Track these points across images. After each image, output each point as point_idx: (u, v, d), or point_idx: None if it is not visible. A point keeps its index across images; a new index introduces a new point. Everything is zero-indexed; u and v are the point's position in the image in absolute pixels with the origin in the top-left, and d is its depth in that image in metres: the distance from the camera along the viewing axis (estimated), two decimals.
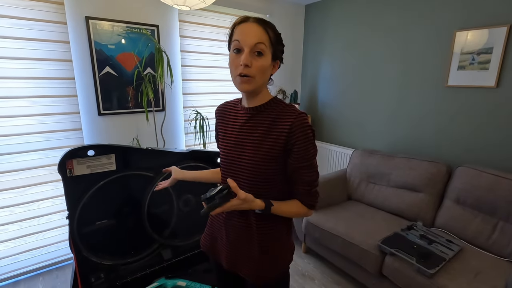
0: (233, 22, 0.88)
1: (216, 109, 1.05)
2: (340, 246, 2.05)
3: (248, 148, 0.90)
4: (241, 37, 0.83)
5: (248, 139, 0.91)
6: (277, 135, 0.87)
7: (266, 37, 0.84)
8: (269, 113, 0.90)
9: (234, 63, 0.85)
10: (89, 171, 1.39)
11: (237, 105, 0.99)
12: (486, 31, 1.99)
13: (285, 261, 0.99)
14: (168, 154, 1.59)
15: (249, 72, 0.83)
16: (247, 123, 0.92)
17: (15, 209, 2.07)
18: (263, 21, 0.85)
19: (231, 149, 0.94)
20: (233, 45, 0.85)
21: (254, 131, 0.90)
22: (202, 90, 2.82)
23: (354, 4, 2.82)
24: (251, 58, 0.83)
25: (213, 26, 2.74)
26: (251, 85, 0.85)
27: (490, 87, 2.01)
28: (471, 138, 2.17)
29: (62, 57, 2.06)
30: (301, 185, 0.91)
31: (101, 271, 1.50)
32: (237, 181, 0.90)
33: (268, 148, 0.87)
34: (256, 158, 0.88)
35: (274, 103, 0.92)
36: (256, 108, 0.91)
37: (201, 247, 1.11)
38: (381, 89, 2.71)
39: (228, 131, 0.97)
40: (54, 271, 2.26)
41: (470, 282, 1.54)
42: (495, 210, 1.85)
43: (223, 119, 1.01)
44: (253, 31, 0.83)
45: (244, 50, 0.82)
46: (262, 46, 0.83)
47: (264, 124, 0.89)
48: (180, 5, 1.59)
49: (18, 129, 1.99)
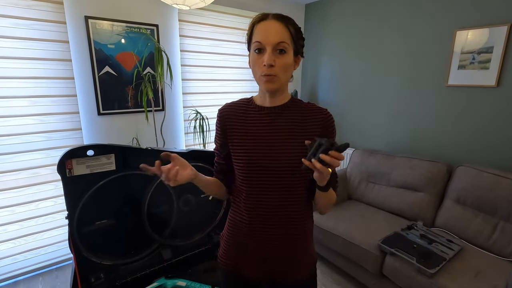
0: (251, 21, 0.86)
1: (222, 111, 0.97)
2: (341, 245, 2.05)
3: (280, 148, 0.87)
4: (262, 37, 0.80)
5: (279, 138, 0.88)
6: (310, 131, 0.87)
7: (287, 34, 0.81)
8: (294, 110, 0.90)
9: (257, 63, 0.83)
10: (88, 171, 1.39)
11: (251, 105, 0.94)
12: (487, 30, 1.98)
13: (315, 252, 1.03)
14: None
15: (273, 71, 0.81)
16: (275, 122, 0.89)
17: (15, 209, 2.07)
18: (283, 17, 0.83)
19: (257, 150, 0.88)
20: (254, 45, 0.83)
21: (284, 130, 0.88)
22: (202, 89, 2.81)
23: (354, 3, 2.82)
24: (274, 57, 0.80)
25: (212, 26, 2.74)
26: (276, 84, 0.84)
27: (491, 86, 2.01)
28: (472, 137, 2.16)
29: (61, 57, 2.06)
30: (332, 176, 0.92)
31: (101, 271, 1.50)
32: (263, 182, 0.87)
33: (303, 144, 0.85)
34: (291, 157, 0.85)
35: (295, 101, 0.92)
36: (280, 106, 0.90)
37: (222, 265, 1.02)
38: (381, 88, 2.71)
39: (249, 132, 0.91)
40: (54, 271, 2.26)
41: (470, 281, 1.53)
42: (495, 210, 1.85)
43: (232, 120, 0.94)
44: (274, 29, 0.80)
45: (267, 49, 0.80)
46: (284, 44, 0.80)
47: (294, 122, 0.88)
48: (180, 4, 1.58)
49: (17, 129, 1.99)
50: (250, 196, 0.91)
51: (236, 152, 0.92)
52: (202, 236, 1.78)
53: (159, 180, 1.57)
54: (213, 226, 1.81)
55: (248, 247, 0.95)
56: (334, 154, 0.70)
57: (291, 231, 0.92)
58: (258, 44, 0.81)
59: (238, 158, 0.91)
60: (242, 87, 3.09)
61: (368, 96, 2.82)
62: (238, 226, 0.96)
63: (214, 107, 2.93)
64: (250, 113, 0.93)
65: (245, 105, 0.95)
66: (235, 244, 0.98)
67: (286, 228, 0.91)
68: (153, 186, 1.57)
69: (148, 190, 1.57)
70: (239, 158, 0.91)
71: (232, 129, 0.94)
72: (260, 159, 0.88)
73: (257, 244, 0.93)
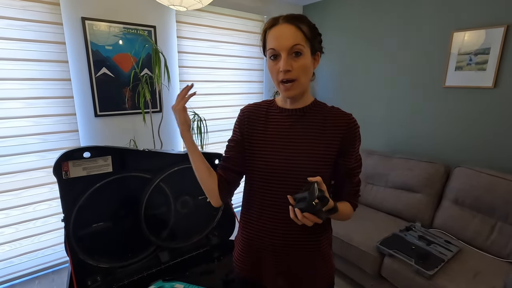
0: (263, 28, 0.84)
1: (243, 111, 0.96)
2: (339, 247, 2.04)
3: (300, 151, 0.85)
4: (275, 43, 0.79)
5: (299, 142, 0.86)
6: (331, 136, 0.85)
7: (301, 35, 0.78)
8: (316, 114, 0.88)
9: (274, 70, 0.82)
10: (85, 173, 1.37)
11: (272, 107, 0.93)
12: (483, 32, 1.99)
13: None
14: (166, 156, 1.58)
15: (291, 76, 0.79)
16: (296, 125, 0.88)
17: (11, 212, 2.05)
18: (294, 18, 0.80)
19: (278, 152, 0.87)
20: (269, 53, 0.82)
21: (306, 133, 0.86)
22: (199, 91, 2.80)
23: (352, 5, 2.83)
24: (290, 61, 0.78)
25: (210, 27, 2.74)
26: (297, 90, 0.82)
27: (488, 87, 2.02)
28: (469, 138, 2.17)
29: (58, 58, 2.04)
30: (351, 185, 0.91)
31: (97, 274, 1.48)
32: (284, 184, 0.85)
33: (323, 149, 0.84)
34: (311, 161, 0.84)
35: (318, 104, 0.90)
36: (303, 109, 0.88)
37: (239, 271, 1.00)
38: (378, 89, 2.71)
39: (268, 134, 0.89)
40: (50, 274, 2.24)
41: (468, 282, 1.53)
42: (493, 211, 1.85)
43: (252, 121, 0.93)
44: (286, 33, 0.78)
45: (282, 55, 0.78)
46: (299, 46, 0.78)
47: (315, 125, 0.87)
48: (177, 5, 1.58)
49: (13, 131, 1.97)
50: (265, 200, 0.89)
51: (254, 154, 0.90)
52: (200, 238, 1.77)
53: (157, 182, 1.56)
54: (211, 228, 1.80)
55: (264, 255, 0.92)
56: (307, 215, 0.70)
57: (310, 239, 0.89)
58: (272, 51, 0.80)
59: (256, 160, 0.89)
60: (240, 88, 3.09)
61: (366, 97, 2.82)
62: (252, 231, 0.93)
63: (212, 108, 2.92)
64: (271, 115, 0.91)
65: (266, 106, 0.94)
66: (250, 249, 0.95)
67: (305, 235, 0.88)
68: (150, 188, 1.56)
69: (146, 192, 1.56)
70: (257, 160, 0.89)
71: (252, 130, 0.92)
72: (278, 162, 0.86)
73: (274, 255, 0.90)
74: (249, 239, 0.95)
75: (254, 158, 0.90)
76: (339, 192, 0.93)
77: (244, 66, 3.06)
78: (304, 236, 0.88)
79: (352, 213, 0.92)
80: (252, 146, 0.91)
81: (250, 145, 0.92)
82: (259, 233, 0.92)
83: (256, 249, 0.94)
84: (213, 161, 1.67)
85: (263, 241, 0.91)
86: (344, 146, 0.85)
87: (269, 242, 0.90)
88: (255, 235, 0.93)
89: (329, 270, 0.96)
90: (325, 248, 0.94)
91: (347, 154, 0.86)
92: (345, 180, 0.90)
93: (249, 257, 0.96)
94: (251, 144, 0.91)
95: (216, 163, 1.66)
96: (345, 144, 0.85)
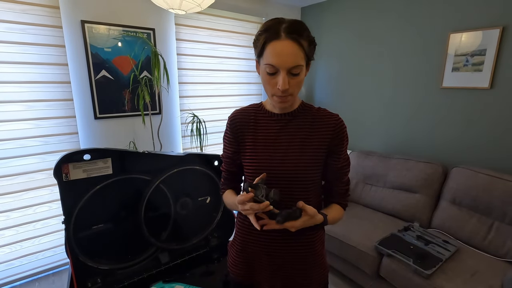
0: (263, 36, 0.77)
1: (232, 119, 0.94)
2: (337, 247, 2.05)
3: (290, 155, 0.86)
4: (276, 60, 0.75)
5: (289, 145, 0.87)
6: (320, 138, 0.86)
7: (301, 55, 0.76)
8: (305, 117, 0.89)
9: (270, 83, 0.80)
10: (85, 175, 1.38)
11: (261, 111, 0.92)
12: (480, 33, 2.01)
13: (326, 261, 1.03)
14: (165, 158, 1.59)
15: (287, 92, 0.79)
16: (285, 129, 0.88)
17: (11, 214, 2.05)
18: (296, 32, 0.75)
19: (268, 157, 0.87)
20: (267, 67, 0.77)
21: (294, 137, 0.87)
22: (198, 93, 2.82)
23: (350, 6, 2.85)
24: (288, 79, 0.77)
25: (209, 29, 2.75)
26: (290, 102, 0.83)
27: (484, 88, 2.03)
28: (467, 138, 2.19)
29: (57, 61, 2.06)
30: (340, 185, 0.92)
31: (98, 275, 1.49)
32: (276, 188, 0.85)
33: (313, 151, 0.85)
34: (302, 163, 0.85)
35: (306, 106, 0.91)
36: (291, 113, 0.89)
37: (234, 276, 1.01)
38: (376, 90, 2.73)
39: (258, 139, 0.90)
40: (51, 276, 2.24)
41: (466, 282, 1.54)
42: (490, 211, 1.87)
43: (243, 127, 0.92)
44: (288, 52, 0.74)
45: (281, 73, 0.76)
46: (299, 67, 0.77)
47: (303, 128, 0.88)
48: (176, 9, 1.59)
49: (14, 134, 1.98)
50: None
51: (246, 159, 0.91)
52: (200, 239, 1.78)
53: (157, 183, 1.57)
54: (210, 229, 1.81)
55: (258, 256, 0.94)
56: None
57: (302, 240, 0.91)
58: (271, 67, 0.77)
59: (248, 165, 0.90)
60: (239, 89, 3.10)
61: (364, 98, 2.84)
62: (247, 234, 0.95)
63: (211, 110, 2.93)
64: (260, 119, 0.92)
65: (255, 111, 0.94)
66: (244, 253, 0.97)
67: (296, 236, 0.89)
68: (150, 189, 1.57)
69: (146, 194, 1.57)
70: (249, 165, 0.90)
71: (242, 136, 0.93)
72: (269, 166, 0.86)
73: (268, 254, 0.92)
74: (244, 243, 0.97)
75: (246, 164, 0.91)
76: (330, 193, 0.95)
77: (243, 68, 3.07)
78: (298, 236, 0.90)
79: (343, 214, 0.94)
80: (244, 152, 0.92)
81: (242, 151, 0.93)
82: (254, 237, 0.94)
83: (250, 253, 0.96)
84: (213, 163, 1.69)
85: (258, 244, 0.93)
86: (333, 147, 0.87)
87: (263, 245, 0.92)
88: (250, 238, 0.95)
89: (323, 270, 0.98)
90: (318, 247, 0.95)
91: (336, 154, 0.88)
92: (334, 180, 0.92)
93: (244, 261, 0.98)
94: (244, 150, 0.92)
95: (216, 164, 1.68)
96: (333, 144, 0.87)
